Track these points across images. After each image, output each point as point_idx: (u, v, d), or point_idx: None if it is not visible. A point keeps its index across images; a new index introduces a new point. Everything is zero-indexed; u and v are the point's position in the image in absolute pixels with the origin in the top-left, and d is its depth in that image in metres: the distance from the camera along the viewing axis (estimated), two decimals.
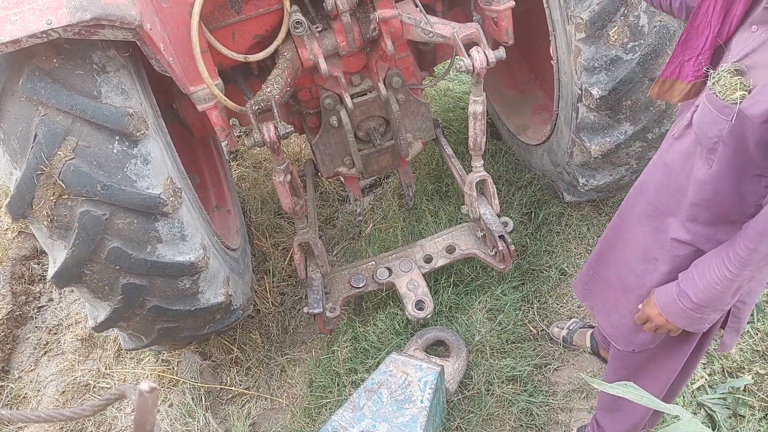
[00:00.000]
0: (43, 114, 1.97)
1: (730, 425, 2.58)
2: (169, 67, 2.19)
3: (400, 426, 2.19)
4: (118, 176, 2.09)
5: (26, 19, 1.78)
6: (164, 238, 2.27)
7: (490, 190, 2.82)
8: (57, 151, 2.00)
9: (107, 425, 3.11)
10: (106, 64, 2.04)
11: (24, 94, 1.96)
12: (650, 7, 2.30)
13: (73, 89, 1.98)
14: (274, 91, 2.34)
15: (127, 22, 1.88)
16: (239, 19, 2.46)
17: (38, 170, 2.01)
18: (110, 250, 2.18)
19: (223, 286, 2.60)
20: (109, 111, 2.03)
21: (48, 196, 2.06)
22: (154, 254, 2.26)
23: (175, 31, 2.28)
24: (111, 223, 2.13)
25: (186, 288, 2.42)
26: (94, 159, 2.05)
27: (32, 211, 2.10)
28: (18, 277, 3.81)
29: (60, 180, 2.02)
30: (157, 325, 2.54)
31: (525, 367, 2.85)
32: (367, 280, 2.92)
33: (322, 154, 2.96)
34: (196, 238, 2.38)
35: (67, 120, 1.99)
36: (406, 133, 2.95)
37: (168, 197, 2.20)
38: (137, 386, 0.94)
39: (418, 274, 2.90)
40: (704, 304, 1.64)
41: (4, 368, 3.50)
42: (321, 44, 2.57)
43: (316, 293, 2.74)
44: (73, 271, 2.22)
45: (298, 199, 2.60)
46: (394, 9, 2.53)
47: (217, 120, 2.50)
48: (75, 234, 2.12)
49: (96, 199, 2.08)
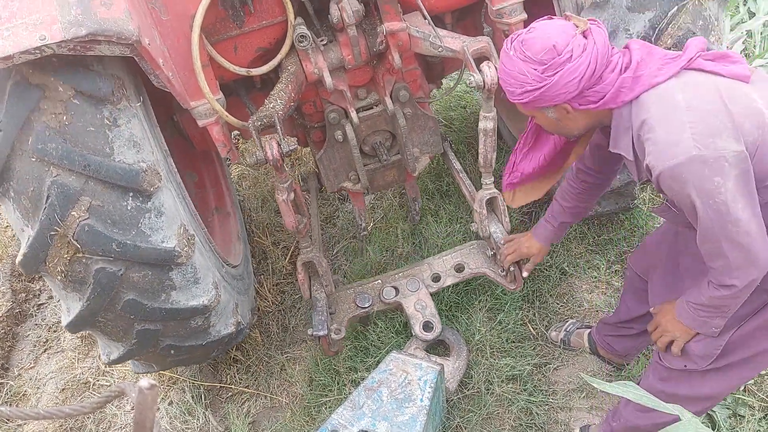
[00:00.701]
0: (56, 175, 1.93)
1: (729, 425, 2.58)
2: (169, 82, 2.13)
3: (400, 425, 2.19)
4: (132, 232, 2.06)
5: (19, 35, 1.72)
6: (178, 286, 2.26)
7: (501, 207, 2.72)
8: (70, 212, 1.96)
9: (107, 423, 3.11)
10: (117, 117, 1.99)
11: (35, 155, 1.91)
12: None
13: (85, 148, 1.93)
14: (278, 107, 2.26)
15: (124, 37, 1.82)
16: (241, 31, 2.38)
17: (52, 231, 1.98)
18: (125, 302, 2.18)
19: (232, 315, 2.61)
20: (122, 169, 1.99)
21: (62, 255, 2.03)
22: (169, 302, 2.26)
23: (175, 44, 2.21)
24: (126, 277, 2.12)
25: (198, 325, 2.43)
26: (109, 217, 2.02)
27: (45, 267, 2.07)
28: (18, 275, 3.80)
29: (74, 240, 1.99)
30: (170, 358, 2.59)
31: (525, 366, 2.84)
32: (374, 300, 2.83)
33: (326, 169, 2.87)
34: (208, 278, 2.37)
35: (80, 180, 1.95)
36: (413, 148, 2.86)
37: (182, 248, 2.19)
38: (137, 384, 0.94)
39: (425, 294, 2.82)
40: (708, 307, 1.80)
41: (4, 365, 3.50)
42: (326, 57, 2.50)
43: (321, 314, 2.63)
44: (88, 321, 2.22)
45: (301, 217, 2.52)
46: (402, 22, 2.45)
47: (219, 136, 2.45)
48: (90, 289, 2.11)
49: (111, 257, 2.06)
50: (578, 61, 1.64)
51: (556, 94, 1.69)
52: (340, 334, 2.70)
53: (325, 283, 2.76)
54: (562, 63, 1.64)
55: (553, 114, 1.79)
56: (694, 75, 1.65)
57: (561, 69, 1.65)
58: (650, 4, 2.25)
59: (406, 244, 3.46)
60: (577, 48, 1.64)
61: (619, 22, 2.29)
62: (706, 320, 1.83)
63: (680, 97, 1.60)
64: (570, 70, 1.64)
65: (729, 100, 1.58)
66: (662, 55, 1.69)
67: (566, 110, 1.75)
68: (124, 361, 2.49)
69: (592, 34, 1.67)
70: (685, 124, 1.55)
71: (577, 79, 1.65)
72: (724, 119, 1.55)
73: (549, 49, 1.65)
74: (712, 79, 1.64)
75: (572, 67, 1.64)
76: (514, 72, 1.72)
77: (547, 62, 1.65)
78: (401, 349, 2.77)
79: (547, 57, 1.65)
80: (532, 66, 1.68)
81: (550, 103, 1.73)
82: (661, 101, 1.62)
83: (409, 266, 3.00)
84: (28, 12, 1.75)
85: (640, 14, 2.26)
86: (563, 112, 1.77)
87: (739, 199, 1.56)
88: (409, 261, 3.36)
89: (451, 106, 4.32)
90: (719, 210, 1.57)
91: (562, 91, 1.68)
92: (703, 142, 1.53)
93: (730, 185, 1.54)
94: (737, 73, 1.64)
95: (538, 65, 1.67)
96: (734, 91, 1.61)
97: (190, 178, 3.34)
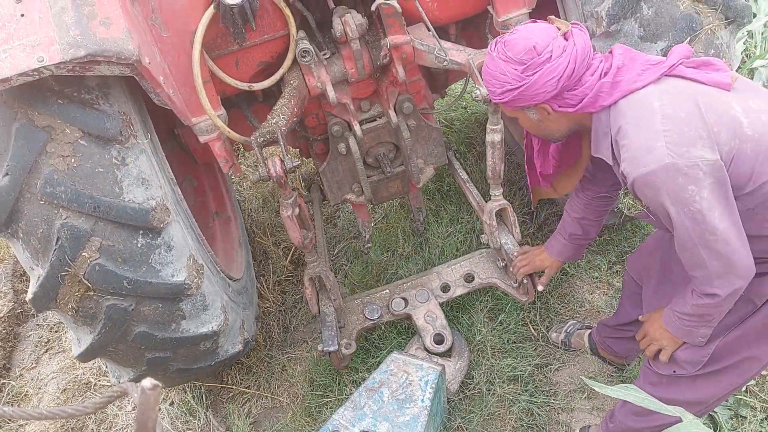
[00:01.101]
0: (65, 217, 1.93)
1: (731, 426, 2.58)
2: (170, 99, 2.10)
3: (401, 425, 2.19)
4: (143, 269, 2.06)
5: (16, 56, 1.69)
6: (188, 315, 2.27)
7: (511, 218, 2.69)
8: (81, 252, 1.96)
9: (108, 423, 3.11)
10: (125, 156, 1.98)
11: (44, 198, 1.90)
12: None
13: (94, 189, 1.92)
14: (281, 122, 2.23)
15: (124, 57, 1.79)
16: (243, 46, 2.35)
17: (62, 271, 1.98)
18: (136, 334, 2.19)
19: (239, 334, 2.62)
20: (132, 209, 1.98)
21: (73, 293, 2.04)
22: (179, 331, 2.28)
23: (176, 61, 2.18)
24: (137, 311, 2.13)
25: (207, 348, 2.45)
26: (119, 256, 2.02)
27: (56, 304, 2.07)
28: (19, 275, 3.81)
29: (85, 279, 2.00)
30: (178, 379, 2.63)
31: (526, 367, 2.84)
32: (382, 311, 2.82)
33: (329, 182, 2.84)
34: (216, 303, 2.38)
35: (90, 222, 1.95)
36: (417, 159, 2.83)
37: (192, 280, 2.20)
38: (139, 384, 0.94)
39: (435, 305, 2.80)
40: (693, 316, 1.82)
41: (6, 366, 3.50)
42: (329, 71, 2.46)
43: (330, 329, 2.59)
44: (99, 352, 2.23)
45: (307, 232, 2.50)
46: (406, 35, 2.41)
47: (221, 152, 2.42)
48: (101, 324, 2.12)
49: (122, 294, 2.06)
50: (557, 62, 1.67)
51: (535, 93, 1.72)
52: (350, 348, 2.70)
53: (333, 297, 2.73)
54: (542, 63, 1.67)
55: (535, 115, 1.81)
56: (673, 82, 1.66)
57: (540, 69, 1.68)
58: (663, 34, 2.23)
59: (407, 245, 3.46)
60: (557, 49, 1.67)
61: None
62: (691, 329, 1.85)
63: (657, 105, 1.61)
64: (549, 69, 1.67)
65: (706, 108, 1.59)
66: (644, 61, 1.70)
67: (547, 111, 1.78)
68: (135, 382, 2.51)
69: (573, 37, 1.70)
70: (659, 132, 1.57)
71: (555, 78, 1.68)
72: (699, 128, 1.56)
73: (529, 49, 1.68)
74: (691, 87, 1.65)
75: (551, 67, 1.67)
76: (496, 72, 1.75)
77: (527, 62, 1.69)
78: (402, 350, 2.77)
79: (527, 57, 1.69)
80: (512, 66, 1.71)
81: (530, 102, 1.75)
82: (638, 107, 1.64)
83: (417, 275, 2.98)
84: (26, 33, 1.72)
85: (652, 44, 2.23)
86: (544, 113, 1.79)
87: (715, 208, 1.57)
88: (410, 262, 3.36)
89: (452, 108, 4.32)
90: (695, 218, 1.58)
91: (541, 91, 1.71)
92: (677, 151, 1.54)
93: (705, 194, 1.55)
94: (718, 81, 1.65)
95: (518, 65, 1.70)
96: (713, 100, 1.62)
97: (189, 184, 3.34)
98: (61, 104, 1.87)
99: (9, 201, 1.90)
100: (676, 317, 1.87)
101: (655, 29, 2.24)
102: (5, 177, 1.89)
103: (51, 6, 1.76)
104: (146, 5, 2.07)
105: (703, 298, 1.73)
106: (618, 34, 2.27)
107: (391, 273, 3.32)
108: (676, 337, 1.90)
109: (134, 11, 1.99)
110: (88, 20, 1.77)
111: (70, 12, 1.76)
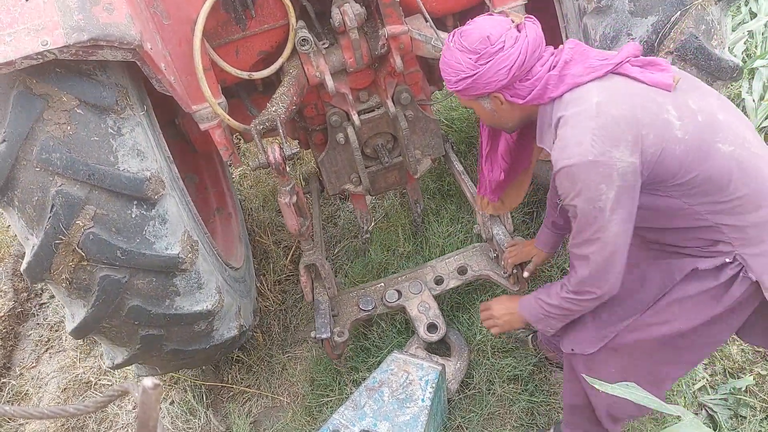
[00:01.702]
0: (60, 184, 1.93)
1: (731, 426, 2.58)
2: (171, 86, 2.13)
3: (401, 425, 2.19)
4: (137, 240, 2.07)
5: (21, 40, 1.72)
6: (182, 291, 2.27)
7: None
8: (75, 220, 1.97)
9: (108, 422, 3.11)
10: (121, 126, 2.00)
11: (39, 164, 1.91)
12: None
13: (89, 157, 1.94)
14: (280, 111, 2.26)
15: (126, 42, 1.83)
16: (243, 35, 2.38)
17: (57, 239, 1.98)
18: (130, 308, 2.18)
19: (235, 319, 2.62)
20: (126, 178, 1.99)
21: (67, 263, 2.04)
22: (173, 307, 2.27)
23: (177, 48, 2.21)
24: (130, 284, 2.13)
25: (202, 330, 2.44)
26: (113, 226, 2.02)
27: (50, 275, 2.08)
28: (20, 274, 3.81)
29: (79, 248, 2.00)
30: (173, 362, 2.61)
31: (526, 366, 2.84)
32: (376, 303, 2.85)
33: (328, 172, 2.88)
34: (211, 283, 2.38)
35: (85, 190, 1.96)
36: (415, 150, 2.86)
37: (186, 254, 2.20)
38: (140, 383, 0.94)
39: (428, 296, 2.83)
40: (558, 308, 1.95)
41: (6, 365, 3.50)
42: (328, 61, 2.49)
43: (324, 317, 2.63)
44: (92, 327, 2.22)
45: (304, 220, 2.52)
46: (403, 25, 2.44)
47: (221, 139, 2.45)
48: (95, 296, 2.12)
49: (116, 264, 2.06)
50: (509, 51, 1.73)
51: (487, 81, 1.77)
52: (343, 336, 2.70)
53: (327, 285, 2.77)
54: (495, 52, 1.73)
55: (489, 104, 1.87)
56: (617, 80, 1.72)
57: (493, 58, 1.74)
58: (653, 8, 2.25)
59: (407, 244, 3.46)
60: (509, 39, 1.73)
61: (622, 26, 2.29)
62: (548, 319, 2.00)
63: (595, 101, 1.67)
64: (501, 59, 1.73)
65: (641, 109, 1.65)
66: (594, 56, 1.75)
67: (500, 101, 1.83)
68: (128, 365, 2.51)
69: (525, 28, 1.76)
70: (589, 128, 1.64)
71: (507, 67, 1.74)
72: (626, 130, 1.63)
73: (483, 39, 1.74)
74: (632, 87, 1.70)
75: (503, 56, 1.73)
76: (452, 61, 1.81)
77: (481, 51, 1.75)
78: (402, 349, 2.78)
79: (481, 47, 1.75)
80: (467, 55, 1.77)
81: (483, 91, 1.81)
82: (579, 101, 1.70)
83: (412, 269, 3.00)
84: (30, 17, 1.75)
85: (642, 19, 2.26)
86: (497, 102, 1.84)
87: (617, 211, 1.66)
88: (410, 261, 3.36)
89: (453, 106, 4.31)
90: (596, 216, 1.68)
91: (493, 79, 1.76)
92: (600, 149, 1.62)
93: (612, 195, 1.64)
94: (659, 81, 1.70)
95: (472, 54, 1.76)
96: (649, 101, 1.67)
97: (190, 181, 3.35)
98: (59, 73, 1.89)
99: (6, 168, 1.92)
100: (538, 304, 2.01)
101: (645, 4, 2.26)
102: (2, 144, 1.91)
103: None
104: None
105: (572, 294, 1.87)
106: (609, 10, 2.30)
107: (391, 272, 3.32)
108: (529, 321, 2.09)
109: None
110: (91, 5, 1.81)
111: None
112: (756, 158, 1.70)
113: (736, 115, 1.77)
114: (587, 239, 1.74)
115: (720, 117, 1.70)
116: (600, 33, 2.31)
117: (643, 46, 2.27)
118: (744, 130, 1.74)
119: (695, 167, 1.66)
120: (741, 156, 1.68)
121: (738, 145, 1.68)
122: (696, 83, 1.80)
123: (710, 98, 1.75)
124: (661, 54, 2.31)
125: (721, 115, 1.71)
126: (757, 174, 1.69)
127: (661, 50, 2.30)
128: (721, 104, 1.76)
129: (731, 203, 1.69)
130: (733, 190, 1.67)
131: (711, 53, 2.29)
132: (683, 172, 1.66)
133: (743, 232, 1.71)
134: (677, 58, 2.31)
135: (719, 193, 1.68)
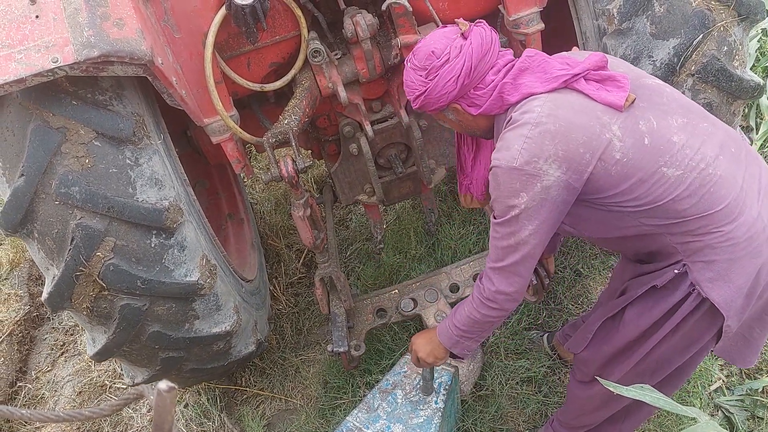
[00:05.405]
0: (80, 217, 1.94)
1: (747, 427, 2.56)
2: (182, 100, 2.11)
3: (415, 427, 2.19)
4: (156, 269, 2.08)
5: (31, 57, 1.71)
6: (201, 315, 2.28)
7: None
8: (95, 252, 1.98)
9: (123, 425, 3.13)
10: (138, 157, 2.00)
11: (58, 198, 1.91)
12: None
13: (108, 190, 1.94)
14: (292, 123, 2.24)
15: (137, 57, 1.80)
16: (255, 47, 2.35)
17: (77, 271, 1.99)
18: (150, 334, 2.20)
19: (252, 335, 2.63)
20: (145, 209, 2.00)
21: (87, 293, 2.05)
22: (192, 331, 2.29)
23: (188, 62, 2.19)
24: (150, 311, 2.14)
25: (220, 348, 2.46)
26: (133, 256, 2.03)
27: (71, 304, 2.09)
28: (35, 279, 3.84)
29: (99, 279, 2.01)
30: (192, 379, 2.65)
31: (540, 368, 2.83)
32: (392, 312, 2.84)
33: (341, 182, 2.85)
34: (229, 303, 2.39)
35: (104, 222, 1.96)
36: (429, 160, 2.82)
37: (205, 280, 2.21)
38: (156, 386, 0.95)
39: (445, 304, 2.80)
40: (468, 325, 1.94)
41: (22, 369, 3.53)
42: (340, 71, 2.46)
43: (340, 330, 2.62)
44: (113, 351, 2.25)
45: (318, 232, 2.50)
46: (416, 34, 2.40)
47: (233, 152, 2.43)
48: (116, 323, 2.13)
49: (136, 293, 2.08)
50: (454, 62, 1.73)
51: (438, 96, 1.78)
52: (360, 350, 2.71)
53: (343, 298, 2.74)
54: (440, 66, 1.74)
55: (452, 116, 1.87)
56: (569, 95, 1.69)
57: (439, 72, 1.74)
58: (675, 31, 2.21)
59: (419, 247, 3.45)
60: (453, 50, 1.73)
61: (643, 48, 2.24)
62: (460, 340, 1.98)
63: (539, 111, 1.66)
64: (447, 71, 1.73)
65: (582, 128, 1.63)
66: (552, 68, 1.72)
67: (459, 111, 1.83)
68: (148, 383, 2.52)
69: (471, 35, 1.75)
70: (523, 135, 1.63)
71: (453, 78, 1.74)
72: (559, 146, 1.61)
73: (429, 54, 1.75)
74: (582, 103, 1.67)
75: (449, 68, 1.73)
76: (408, 80, 1.83)
77: (428, 67, 1.76)
78: None
79: (428, 63, 1.76)
80: (418, 72, 1.79)
81: (438, 105, 1.81)
82: (526, 109, 1.69)
83: (426, 275, 2.98)
84: (40, 34, 1.74)
85: (663, 41, 2.22)
86: (459, 113, 1.84)
87: (533, 221, 1.67)
88: (422, 264, 3.35)
89: None
90: (510, 223, 1.70)
91: (443, 92, 1.76)
92: (527, 158, 1.62)
93: (531, 205, 1.65)
94: (609, 101, 1.65)
95: (421, 71, 1.78)
96: (594, 119, 1.64)
97: (201, 186, 3.35)
98: (75, 105, 1.89)
99: (25, 201, 1.93)
100: (451, 328, 1.98)
101: (666, 26, 2.22)
102: (21, 177, 1.91)
103: (65, 7, 1.78)
104: (159, 6, 2.09)
105: (477, 301, 1.86)
106: (630, 32, 2.25)
107: (403, 275, 3.32)
108: (447, 347, 2.03)
109: (147, 12, 2.01)
110: (101, 21, 1.79)
111: (84, 13, 1.78)
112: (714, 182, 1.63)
113: (702, 136, 1.67)
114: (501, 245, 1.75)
115: (674, 139, 1.64)
116: (620, 54, 2.25)
117: (664, 68, 2.23)
118: (709, 150, 1.65)
119: (633, 189, 1.64)
120: (689, 180, 1.62)
121: (690, 168, 1.63)
122: (656, 101, 1.72)
123: (672, 118, 1.68)
124: (682, 76, 2.26)
125: (679, 136, 1.65)
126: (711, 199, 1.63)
127: (682, 72, 2.25)
128: (686, 124, 1.68)
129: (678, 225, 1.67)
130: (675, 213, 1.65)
131: (732, 74, 2.24)
132: (618, 192, 1.66)
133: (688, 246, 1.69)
134: (698, 80, 2.26)
135: (661, 214, 1.66)
